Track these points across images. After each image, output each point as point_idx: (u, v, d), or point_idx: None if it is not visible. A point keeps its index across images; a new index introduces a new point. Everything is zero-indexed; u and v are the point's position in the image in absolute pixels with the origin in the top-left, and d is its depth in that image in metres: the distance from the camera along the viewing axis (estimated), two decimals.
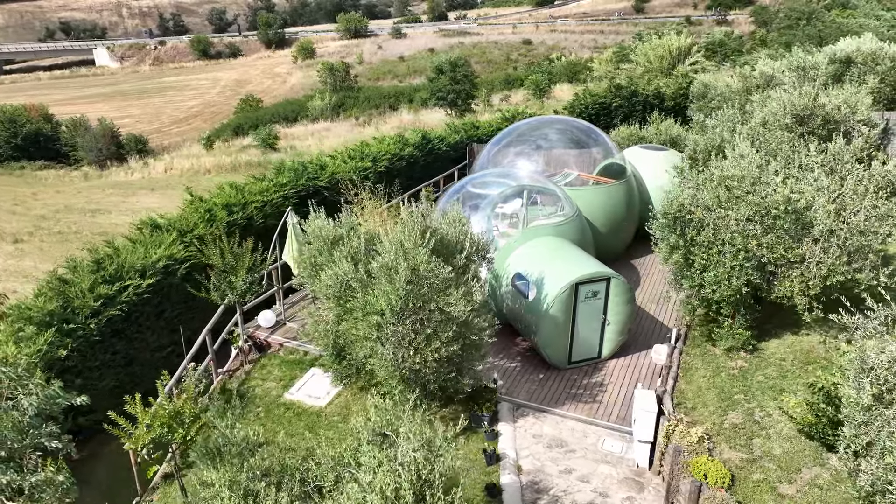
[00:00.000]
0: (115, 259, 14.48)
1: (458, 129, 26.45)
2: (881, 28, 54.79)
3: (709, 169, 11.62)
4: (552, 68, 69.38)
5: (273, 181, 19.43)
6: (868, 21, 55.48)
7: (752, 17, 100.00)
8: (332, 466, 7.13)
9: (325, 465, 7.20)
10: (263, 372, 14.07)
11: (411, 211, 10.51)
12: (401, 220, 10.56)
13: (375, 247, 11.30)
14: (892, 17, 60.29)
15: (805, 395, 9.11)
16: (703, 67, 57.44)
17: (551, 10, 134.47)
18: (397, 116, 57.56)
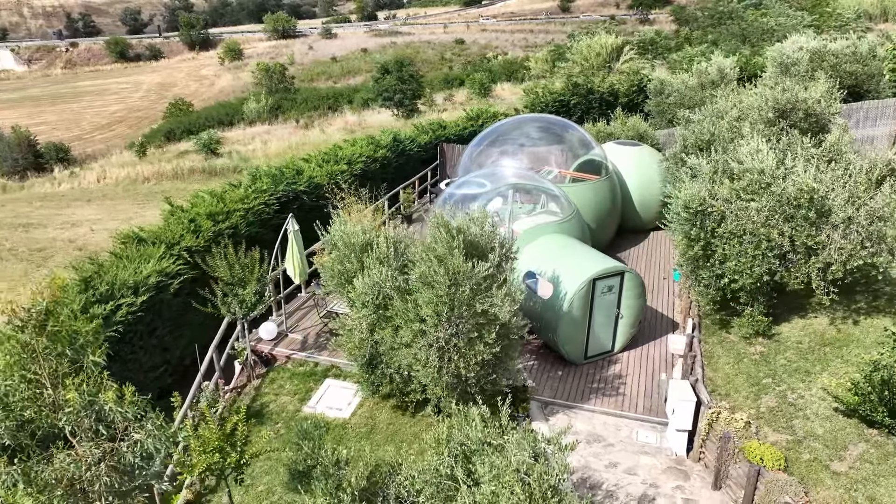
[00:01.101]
0: (105, 276, 13.53)
1: (427, 130, 26.28)
2: (798, 27, 58.46)
3: (720, 162, 12.04)
4: (490, 67, 70.08)
5: (252, 187, 18.68)
6: (784, 20, 59.02)
7: (672, 16, 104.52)
8: (427, 480, 6.93)
9: (420, 479, 6.99)
10: (274, 386, 13.53)
11: (438, 214, 10.36)
12: (432, 224, 10.40)
13: (405, 252, 11.10)
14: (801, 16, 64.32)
15: (849, 375, 9.57)
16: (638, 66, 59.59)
17: (479, 9, 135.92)
18: (341, 118, 56.67)
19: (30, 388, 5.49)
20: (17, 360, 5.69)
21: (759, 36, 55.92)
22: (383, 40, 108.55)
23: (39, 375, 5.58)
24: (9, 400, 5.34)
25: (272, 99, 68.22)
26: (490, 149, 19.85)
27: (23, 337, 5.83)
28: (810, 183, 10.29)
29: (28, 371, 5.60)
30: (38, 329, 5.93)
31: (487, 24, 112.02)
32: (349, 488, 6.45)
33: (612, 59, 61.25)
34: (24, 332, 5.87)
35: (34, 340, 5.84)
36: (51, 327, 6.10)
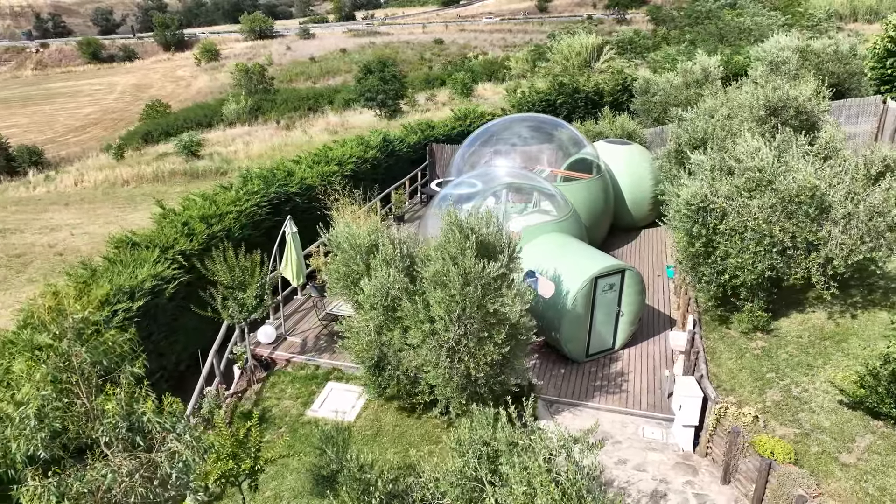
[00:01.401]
0: (102, 282, 13.26)
1: (416, 130, 26.20)
2: (773, 26, 59.46)
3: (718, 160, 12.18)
4: (471, 67, 70.17)
5: (243, 189, 18.46)
6: (760, 20, 60.00)
7: (648, 16, 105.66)
8: (453, 482, 6.90)
9: (444, 481, 6.95)
10: (275, 390, 13.37)
11: (450, 213, 10.33)
12: (444, 223, 10.36)
13: (411, 252, 11.05)
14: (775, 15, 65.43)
15: (854, 369, 9.74)
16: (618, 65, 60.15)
17: (457, 9, 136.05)
18: (323, 118, 56.29)
19: (63, 398, 5.33)
20: (52, 369, 5.53)
21: (736, 35, 56.79)
22: (362, 40, 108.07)
23: (74, 385, 5.43)
24: (44, 411, 5.18)
25: (252, 100, 67.54)
26: (483, 148, 19.88)
27: (61, 346, 5.66)
28: (812, 180, 10.47)
29: (62, 381, 5.45)
30: (77, 338, 5.77)
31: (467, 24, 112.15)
32: (377, 492, 6.40)
33: (592, 59, 61.75)
34: (62, 340, 5.70)
35: (72, 350, 5.68)
36: (87, 336, 5.94)
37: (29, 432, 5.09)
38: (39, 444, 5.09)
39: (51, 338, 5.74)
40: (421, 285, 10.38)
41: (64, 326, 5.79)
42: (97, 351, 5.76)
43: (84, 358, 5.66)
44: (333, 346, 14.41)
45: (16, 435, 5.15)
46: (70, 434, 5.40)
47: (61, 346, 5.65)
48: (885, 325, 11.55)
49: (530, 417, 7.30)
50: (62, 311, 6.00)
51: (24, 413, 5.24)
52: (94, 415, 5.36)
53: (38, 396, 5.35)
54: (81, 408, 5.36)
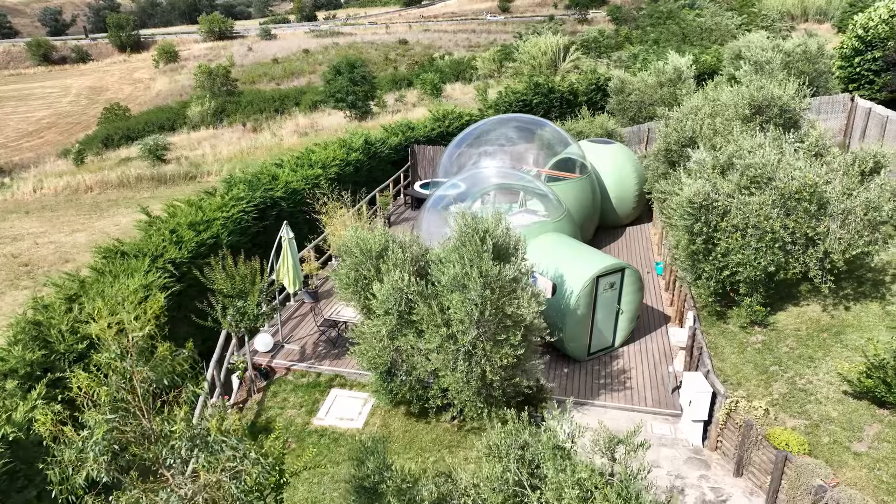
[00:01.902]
0: (92, 294, 12.80)
1: (396, 131, 26.05)
2: (731, 26, 61.05)
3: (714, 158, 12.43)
4: (439, 67, 70.14)
5: (228, 195, 18.06)
6: (720, 20, 61.50)
7: (609, 16, 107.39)
8: (495, 489, 6.86)
9: (485, 487, 6.91)
10: (278, 399, 13.12)
11: (466, 215, 10.29)
12: (459, 226, 10.32)
13: (426, 256, 10.98)
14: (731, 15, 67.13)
15: (860, 360, 10.05)
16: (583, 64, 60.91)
17: (420, 9, 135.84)
18: (291, 120, 55.50)
19: (124, 418, 5.10)
20: (114, 389, 5.29)
21: (698, 35, 58.10)
22: (325, 41, 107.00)
23: (135, 406, 5.20)
24: (104, 432, 4.95)
25: (216, 102, 66.20)
26: (470, 149, 19.88)
27: (124, 365, 5.42)
28: (812, 177, 10.77)
29: (122, 401, 5.22)
30: (141, 356, 5.53)
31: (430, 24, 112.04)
32: (424, 503, 6.31)
33: (559, 59, 62.40)
34: (125, 359, 5.46)
35: (135, 369, 5.44)
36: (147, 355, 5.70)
37: (93, 456, 4.86)
38: (101, 468, 4.87)
39: (114, 356, 5.49)
40: (434, 288, 10.30)
41: (125, 344, 5.55)
42: (160, 369, 5.55)
43: (149, 377, 5.44)
44: (333, 352, 14.24)
45: (79, 459, 4.92)
46: (128, 456, 5.18)
47: (123, 364, 5.41)
48: (877, 316, 11.95)
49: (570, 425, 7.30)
50: (122, 328, 5.75)
51: (91, 436, 5.00)
52: (154, 435, 5.14)
53: (103, 419, 5.12)
54: (139, 428, 5.14)
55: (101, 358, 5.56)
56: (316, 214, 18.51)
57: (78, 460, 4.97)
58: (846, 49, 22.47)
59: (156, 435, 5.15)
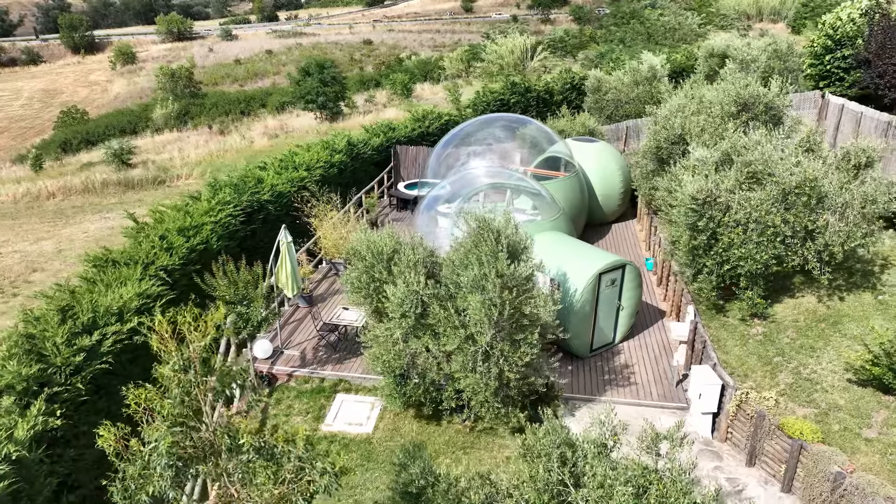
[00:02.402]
0: (85, 304, 12.35)
1: (377, 132, 25.83)
2: (692, 26, 62.44)
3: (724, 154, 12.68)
4: (407, 68, 69.94)
5: (215, 199, 17.66)
6: (682, 20, 62.87)
7: (571, 16, 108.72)
8: (540, 489, 6.85)
9: (527, 488, 6.90)
10: (282, 407, 12.87)
11: (483, 217, 10.27)
12: (471, 227, 10.29)
13: (432, 258, 10.91)
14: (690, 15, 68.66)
15: (864, 348, 10.36)
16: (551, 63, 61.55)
17: (383, 9, 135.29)
18: (260, 122, 54.61)
19: (186, 432, 4.90)
20: (178, 402, 5.07)
21: (662, 35, 59.27)
22: (288, 41, 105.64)
23: (195, 419, 4.99)
24: (167, 448, 4.74)
25: (179, 104, 64.70)
26: (458, 149, 19.87)
27: (187, 377, 5.20)
28: (812, 173, 11.08)
29: (183, 416, 5.01)
30: (203, 368, 5.31)
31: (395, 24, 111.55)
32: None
33: (527, 58, 62.91)
34: (188, 371, 5.24)
35: (199, 380, 5.23)
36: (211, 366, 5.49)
37: (160, 471, 4.66)
38: (167, 483, 4.67)
39: (176, 368, 5.27)
40: (448, 290, 10.24)
41: (186, 356, 5.34)
42: (224, 380, 5.35)
43: (215, 388, 5.24)
44: (335, 356, 14.05)
45: (143, 475, 4.71)
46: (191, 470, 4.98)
47: (187, 376, 5.20)
48: (871, 305, 12.37)
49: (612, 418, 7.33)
50: (182, 339, 5.54)
51: (156, 450, 4.80)
52: (217, 448, 4.95)
53: (168, 432, 4.92)
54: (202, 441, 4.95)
55: (164, 370, 5.35)
56: (306, 217, 18.25)
57: (142, 476, 4.77)
58: (817, 47, 23.18)
59: (219, 448, 4.98)
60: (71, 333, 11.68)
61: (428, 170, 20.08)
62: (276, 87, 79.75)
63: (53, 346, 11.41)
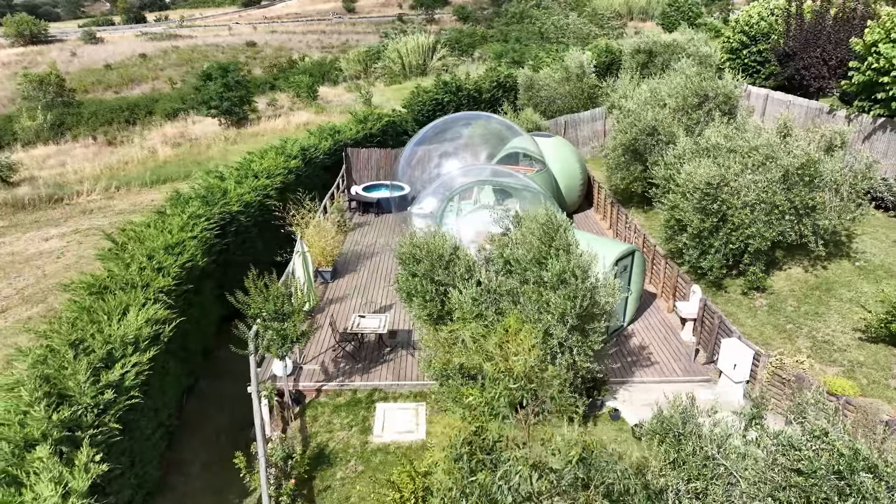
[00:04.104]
0: (98, 336, 11.10)
1: (325, 136, 25.05)
2: (580, 25, 65.83)
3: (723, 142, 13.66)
4: (303, 69, 68.07)
5: (187, 214, 16.45)
6: (572, 20, 66.09)
7: (455, 16, 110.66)
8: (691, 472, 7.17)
9: (689, 467, 7.19)
10: (320, 423, 12.31)
11: (541, 215, 10.42)
12: (527, 225, 10.42)
13: (492, 256, 10.93)
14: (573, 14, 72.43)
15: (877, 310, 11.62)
16: (450, 62, 62.47)
17: (262, 10, 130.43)
18: (156, 130, 50.92)
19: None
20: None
21: (555, 34, 61.97)
22: (162, 44, 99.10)
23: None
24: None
25: (52, 114, 58.85)
26: (429, 149, 19.82)
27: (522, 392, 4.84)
28: (813, 155, 12.26)
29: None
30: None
31: (277, 25, 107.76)
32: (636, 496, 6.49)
33: (428, 58, 63.40)
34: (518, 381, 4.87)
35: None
36: None
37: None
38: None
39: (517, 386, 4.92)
40: (515, 286, 10.31)
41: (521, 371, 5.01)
42: (550, 389, 5.06)
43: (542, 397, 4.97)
44: (357, 366, 13.62)
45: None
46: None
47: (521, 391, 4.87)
48: (852, 271, 13.87)
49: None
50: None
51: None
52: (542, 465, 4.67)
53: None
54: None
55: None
56: (286, 224, 17.51)
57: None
58: (733, 43, 25.37)
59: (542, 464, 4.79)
60: (93, 369, 10.51)
61: (399, 172, 19.85)
62: (158, 92, 74.75)
63: (77, 384, 10.21)
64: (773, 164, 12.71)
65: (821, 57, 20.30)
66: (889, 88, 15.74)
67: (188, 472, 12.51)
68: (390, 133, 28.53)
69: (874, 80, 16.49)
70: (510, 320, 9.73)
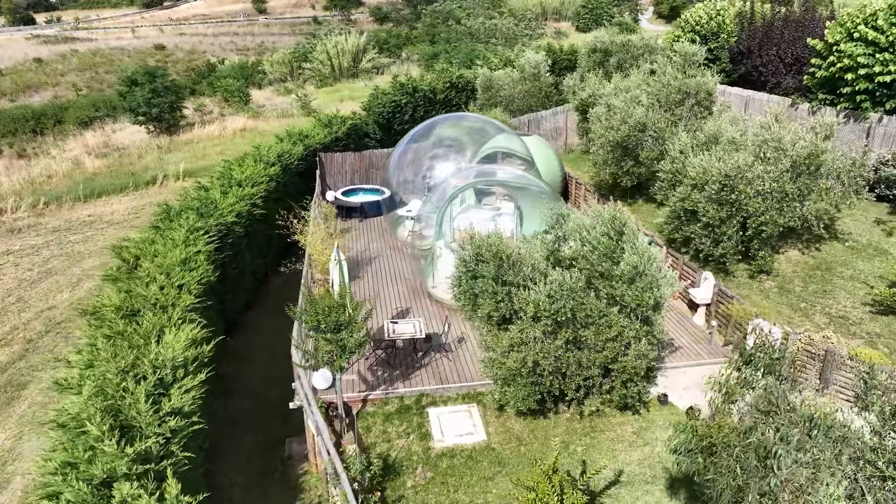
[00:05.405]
0: (145, 361, 10.35)
1: (294, 140, 24.31)
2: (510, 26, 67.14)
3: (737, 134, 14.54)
4: (224, 72, 65.51)
5: (187, 228, 15.61)
6: (496, 22, 67.27)
7: (372, 17, 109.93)
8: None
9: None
10: (375, 433, 12.05)
11: (606, 212, 10.72)
12: (596, 220, 10.70)
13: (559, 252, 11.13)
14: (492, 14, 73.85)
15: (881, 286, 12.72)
16: (381, 63, 62.15)
17: (166, 11, 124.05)
18: (75, 140, 47.43)
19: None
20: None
21: (485, 34, 62.89)
22: (59, 48, 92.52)
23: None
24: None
25: None
26: (420, 153, 19.76)
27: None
28: (820, 145, 13.28)
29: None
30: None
31: (185, 27, 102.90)
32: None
33: (359, 59, 62.69)
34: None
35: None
36: None
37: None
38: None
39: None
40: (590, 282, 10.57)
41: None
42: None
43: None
44: (395, 373, 13.43)
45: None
46: None
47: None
48: (844, 251, 15.11)
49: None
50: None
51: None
52: None
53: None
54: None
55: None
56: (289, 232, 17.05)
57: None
58: (683, 41, 26.78)
59: None
60: (152, 396, 9.82)
61: (390, 175, 19.66)
62: (63, 99, 69.70)
63: (137, 413, 9.54)
64: (782, 154, 13.67)
65: (777, 55, 21.91)
66: (854, 83, 17.24)
67: (230, 498, 11.96)
68: (353, 136, 28.13)
69: (836, 75, 18.00)
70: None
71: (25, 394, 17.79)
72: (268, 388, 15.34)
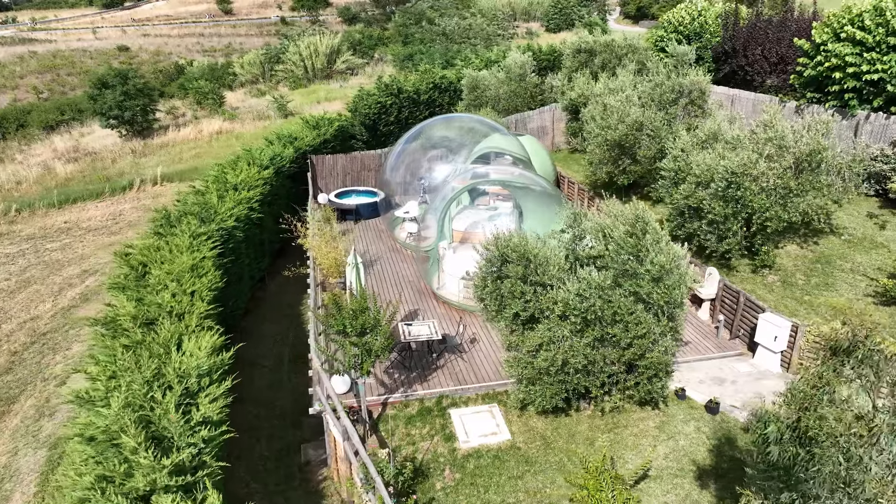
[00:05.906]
0: (169, 370, 10.10)
1: (284, 143, 24.00)
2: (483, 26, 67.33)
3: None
4: (194, 74, 64.28)
5: (190, 233, 15.30)
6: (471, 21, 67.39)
7: (340, 17, 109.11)
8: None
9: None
10: (398, 436, 11.99)
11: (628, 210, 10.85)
12: (616, 219, 10.82)
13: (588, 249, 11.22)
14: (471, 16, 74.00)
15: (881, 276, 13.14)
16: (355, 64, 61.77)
17: (128, 12, 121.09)
18: (41, 145, 46.00)
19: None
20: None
21: (461, 35, 62.95)
22: (16, 49, 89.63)
23: None
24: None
25: None
26: (417, 155, 19.71)
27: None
28: (822, 142, 13.66)
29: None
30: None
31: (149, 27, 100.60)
32: None
33: (333, 60, 62.18)
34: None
35: None
36: None
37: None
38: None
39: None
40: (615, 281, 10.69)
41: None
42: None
43: None
44: (412, 375, 13.38)
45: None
46: None
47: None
48: (841, 244, 15.57)
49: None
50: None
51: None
52: None
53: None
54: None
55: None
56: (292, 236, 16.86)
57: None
58: (671, 43, 27.26)
59: None
60: (181, 406, 9.60)
61: (387, 177, 19.56)
62: (24, 102, 67.59)
63: (168, 423, 9.31)
64: (784, 151, 14.04)
65: (762, 54, 22.46)
66: (842, 82, 17.79)
67: None
68: (339, 138, 27.92)
69: (823, 74, 18.54)
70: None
71: (16, 408, 17.22)
72: (276, 393, 15.16)
